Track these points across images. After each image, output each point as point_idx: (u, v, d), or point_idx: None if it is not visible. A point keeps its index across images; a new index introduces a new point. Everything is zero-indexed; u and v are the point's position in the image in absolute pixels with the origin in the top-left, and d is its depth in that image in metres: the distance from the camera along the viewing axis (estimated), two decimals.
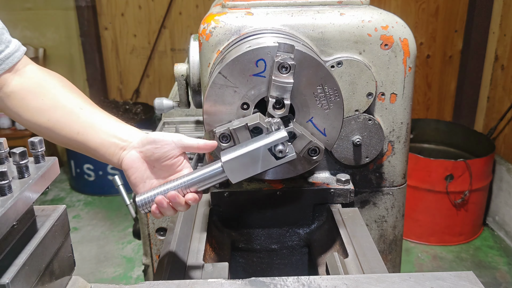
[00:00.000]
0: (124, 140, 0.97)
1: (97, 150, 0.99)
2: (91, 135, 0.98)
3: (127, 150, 0.97)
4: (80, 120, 0.99)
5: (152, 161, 0.95)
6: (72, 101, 1.01)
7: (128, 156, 0.96)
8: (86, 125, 0.99)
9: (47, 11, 4.41)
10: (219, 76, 1.00)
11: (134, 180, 0.96)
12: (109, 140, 0.97)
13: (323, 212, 1.26)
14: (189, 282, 0.87)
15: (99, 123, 0.99)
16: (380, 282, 0.83)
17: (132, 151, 0.96)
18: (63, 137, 1.00)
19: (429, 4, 4.09)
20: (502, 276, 3.15)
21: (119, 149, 0.97)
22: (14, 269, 0.67)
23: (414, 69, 1.22)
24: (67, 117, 0.99)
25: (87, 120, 0.99)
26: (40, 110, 0.99)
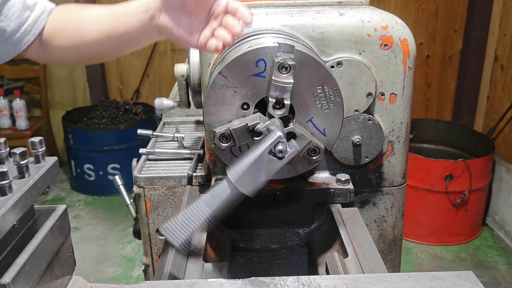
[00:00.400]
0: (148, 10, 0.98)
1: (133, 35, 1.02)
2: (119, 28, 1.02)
3: (157, 15, 0.96)
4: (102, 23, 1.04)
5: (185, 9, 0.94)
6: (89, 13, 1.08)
7: (161, 20, 0.95)
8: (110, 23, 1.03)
9: None
10: (219, 76, 1.00)
11: (181, 36, 0.95)
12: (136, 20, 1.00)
13: (323, 212, 1.27)
14: (189, 282, 0.87)
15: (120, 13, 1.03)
16: (380, 282, 0.83)
17: (163, 14, 0.95)
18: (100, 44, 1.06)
19: (429, 4, 4.09)
20: (502, 276, 3.15)
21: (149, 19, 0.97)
22: (14, 269, 0.67)
23: (413, 69, 1.22)
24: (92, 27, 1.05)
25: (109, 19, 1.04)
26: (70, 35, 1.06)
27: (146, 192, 1.43)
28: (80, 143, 4.16)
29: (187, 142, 1.67)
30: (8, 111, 4.31)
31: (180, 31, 0.94)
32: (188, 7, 0.93)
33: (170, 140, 1.69)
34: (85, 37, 1.06)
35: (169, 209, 1.44)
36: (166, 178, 1.40)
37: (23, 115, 4.29)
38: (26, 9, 1.02)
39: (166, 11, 0.94)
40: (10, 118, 4.34)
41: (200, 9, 0.93)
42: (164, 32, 0.96)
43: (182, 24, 0.94)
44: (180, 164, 1.49)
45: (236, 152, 1.10)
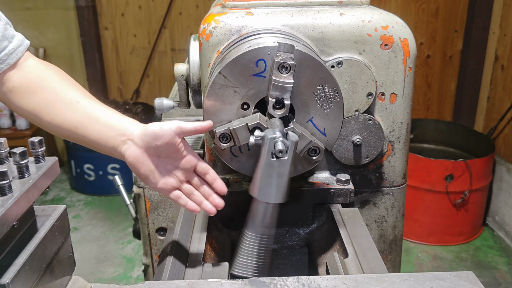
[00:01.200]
0: (122, 134, 0.98)
1: (97, 143, 1.00)
2: (89, 129, 0.99)
3: (127, 144, 0.97)
4: (77, 114, 1.00)
5: (156, 152, 0.96)
6: (69, 94, 1.02)
7: (131, 152, 0.97)
8: (83, 119, 1.00)
9: (47, 11, 4.41)
10: (219, 76, 1.00)
11: (144, 173, 0.97)
12: (107, 134, 0.99)
13: (323, 212, 1.26)
14: (189, 282, 0.87)
15: (96, 116, 1.00)
16: (380, 282, 0.83)
17: (133, 147, 0.97)
18: (64, 130, 1.01)
19: (429, 4, 4.09)
20: (502, 276, 3.15)
21: (119, 143, 0.98)
22: (14, 269, 0.67)
23: (414, 69, 1.22)
24: (66, 111, 1.00)
25: (84, 113, 1.00)
26: (40, 104, 1.01)
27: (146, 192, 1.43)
28: None
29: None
30: (8, 111, 4.31)
31: (143, 168, 0.97)
32: (160, 151, 0.96)
33: None
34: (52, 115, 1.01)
35: (169, 209, 1.44)
36: None
37: None
38: (4, 39, 1.00)
39: (138, 147, 0.96)
40: (10, 118, 4.35)
41: (170, 156, 0.97)
42: (128, 161, 0.98)
43: (147, 163, 0.97)
44: None
45: (236, 152, 1.09)
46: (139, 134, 0.96)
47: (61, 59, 4.52)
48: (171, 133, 0.95)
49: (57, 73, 1.06)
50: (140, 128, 0.97)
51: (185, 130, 0.96)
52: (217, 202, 0.99)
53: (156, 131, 0.95)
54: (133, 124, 1.00)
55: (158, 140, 0.94)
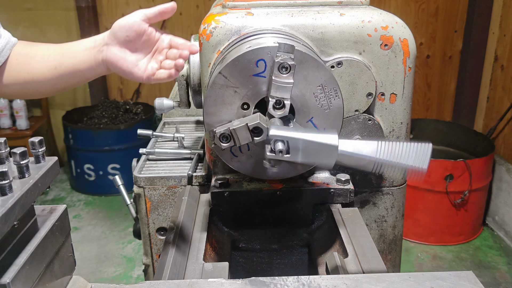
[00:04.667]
0: (95, 46, 1.03)
1: (79, 70, 1.05)
2: (66, 62, 1.05)
3: (104, 51, 1.01)
4: (51, 57, 1.06)
5: (132, 45, 1.00)
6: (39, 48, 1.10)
7: (108, 53, 1.01)
8: (58, 57, 1.06)
9: (48, 11, 4.41)
10: (220, 76, 1.00)
11: (127, 68, 1.01)
12: (83, 55, 1.04)
13: (323, 212, 1.26)
14: (189, 282, 0.87)
15: (68, 48, 1.07)
16: (380, 282, 0.83)
17: (109, 48, 1.01)
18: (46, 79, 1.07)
19: (429, 5, 4.09)
20: (502, 276, 3.15)
21: (96, 53, 1.02)
22: (14, 269, 0.67)
23: (414, 69, 1.22)
24: (41, 61, 1.07)
25: (56, 53, 1.07)
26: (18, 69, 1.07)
27: (146, 192, 1.43)
28: (80, 143, 4.16)
29: (187, 142, 1.67)
30: (8, 111, 4.31)
31: (127, 63, 1.00)
32: (134, 42, 0.99)
33: (170, 140, 1.69)
34: (32, 71, 1.07)
35: (169, 209, 1.44)
36: (166, 178, 1.40)
37: (23, 115, 4.30)
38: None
39: (113, 46, 1.00)
40: (10, 118, 4.35)
41: (145, 44, 1.00)
42: (110, 65, 1.02)
43: (128, 58, 1.00)
44: (180, 164, 1.49)
45: (236, 152, 1.10)
46: (109, 35, 1.01)
47: None
48: (137, 20, 0.98)
49: (24, 42, 1.12)
50: (108, 31, 1.02)
51: (149, 15, 1.00)
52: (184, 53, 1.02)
53: (122, 24, 0.99)
54: (102, 34, 1.05)
55: (128, 31, 0.98)
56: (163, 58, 1.02)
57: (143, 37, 0.99)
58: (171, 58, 1.02)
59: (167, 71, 1.01)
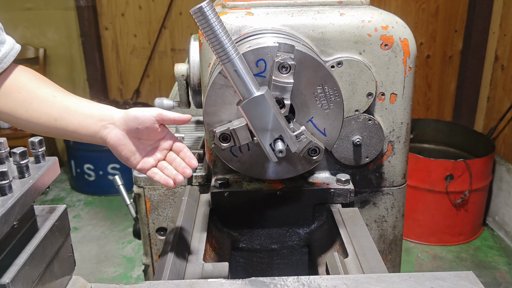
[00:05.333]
0: (102, 119, 1.01)
1: (77, 132, 1.03)
2: (68, 119, 1.02)
3: (109, 128, 1.00)
4: (55, 107, 1.03)
5: (136, 135, 1.00)
6: (45, 90, 1.05)
7: (113, 135, 1.00)
8: (62, 111, 1.03)
9: (48, 11, 4.40)
10: (219, 76, 1.00)
11: (125, 155, 1.01)
12: (87, 121, 1.01)
13: (323, 212, 1.26)
14: (189, 282, 0.87)
15: (74, 106, 1.03)
16: (380, 282, 0.83)
17: (115, 130, 1.00)
18: (42, 125, 1.03)
19: (429, 4, 4.09)
20: (502, 276, 3.15)
21: (100, 128, 1.01)
22: (14, 269, 0.67)
23: (414, 69, 1.22)
24: (43, 106, 1.03)
25: (62, 106, 1.03)
26: (17, 103, 1.03)
27: (146, 192, 1.43)
28: (80, 143, 4.15)
29: (187, 142, 1.67)
30: None
31: (125, 151, 1.01)
32: (140, 134, 1.00)
33: None
34: (30, 112, 1.02)
35: (169, 209, 1.44)
36: None
37: None
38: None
39: (119, 130, 1.00)
40: None
41: (148, 137, 1.01)
42: (110, 145, 1.01)
43: (128, 146, 1.01)
44: None
45: (236, 152, 1.10)
46: (121, 118, 1.00)
47: (61, 59, 4.52)
48: (152, 119, 0.99)
49: (32, 73, 1.08)
50: (121, 113, 1.01)
51: (165, 118, 1.00)
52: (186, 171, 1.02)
53: (138, 116, 0.99)
54: (113, 109, 1.03)
55: (140, 124, 0.99)
56: (162, 158, 1.03)
57: (150, 134, 1.00)
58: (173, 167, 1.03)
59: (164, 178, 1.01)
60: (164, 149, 1.03)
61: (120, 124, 1.00)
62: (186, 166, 1.01)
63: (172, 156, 1.03)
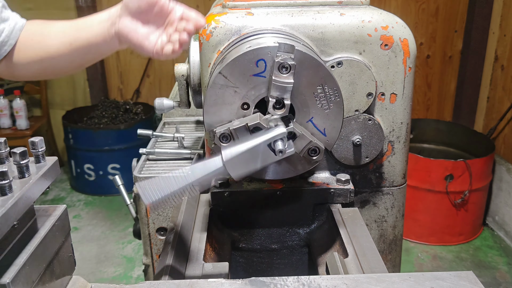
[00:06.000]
0: (108, 19, 1.02)
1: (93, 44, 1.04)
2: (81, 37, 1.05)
3: (116, 22, 1.00)
4: (65, 34, 1.07)
5: (142, 16, 0.98)
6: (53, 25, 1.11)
7: (120, 25, 0.99)
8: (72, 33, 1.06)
9: (48, 11, 4.40)
10: (220, 76, 1.00)
11: (137, 40, 0.99)
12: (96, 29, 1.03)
13: (323, 212, 1.26)
14: (189, 282, 0.87)
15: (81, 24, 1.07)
16: (380, 282, 0.83)
17: (121, 20, 0.99)
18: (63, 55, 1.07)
19: (429, 4, 4.09)
20: (502, 276, 3.15)
21: (109, 26, 1.01)
22: (14, 269, 0.67)
23: (414, 69, 1.22)
24: (56, 38, 1.07)
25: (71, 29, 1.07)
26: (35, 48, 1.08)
27: None
28: (80, 143, 4.16)
29: (187, 142, 1.67)
30: (8, 110, 4.31)
31: (137, 36, 0.98)
32: (146, 13, 0.97)
33: (170, 140, 1.69)
34: (48, 48, 1.07)
35: (169, 209, 1.44)
36: None
37: (23, 115, 4.29)
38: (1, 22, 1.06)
39: (125, 18, 0.99)
40: (10, 118, 4.35)
41: (157, 16, 0.98)
42: (122, 37, 1.00)
43: (140, 30, 0.98)
44: (180, 164, 1.50)
45: None
46: (121, 7, 0.99)
47: None
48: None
49: (37, 21, 1.14)
50: (120, 4, 1.01)
51: None
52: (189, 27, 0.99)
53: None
54: (116, 6, 1.03)
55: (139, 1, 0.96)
56: (173, 31, 0.99)
57: (155, 8, 0.96)
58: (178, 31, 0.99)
59: (171, 46, 0.98)
60: (174, 22, 1.00)
61: (123, 12, 0.98)
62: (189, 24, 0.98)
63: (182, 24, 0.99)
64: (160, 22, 0.98)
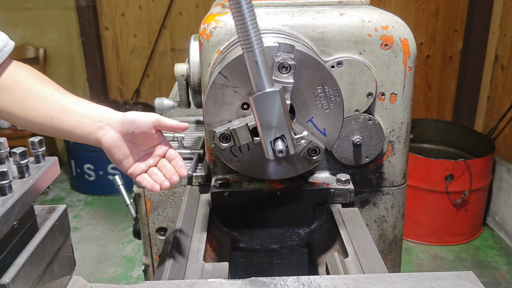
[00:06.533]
0: (99, 120, 1.00)
1: (72, 132, 1.02)
2: (65, 119, 1.01)
3: (105, 130, 0.99)
4: (52, 106, 1.02)
5: (132, 139, 0.99)
6: (43, 89, 1.04)
7: (108, 136, 0.99)
8: (58, 110, 1.02)
9: (48, 11, 4.40)
10: (220, 76, 1.00)
11: (118, 158, 1.00)
12: (83, 121, 1.01)
13: (323, 212, 1.26)
14: (189, 282, 0.87)
15: (71, 106, 1.03)
16: (380, 282, 0.83)
17: (111, 131, 0.99)
18: (39, 124, 1.03)
19: (429, 4, 4.09)
20: (502, 276, 3.15)
21: (96, 128, 1.00)
22: (14, 269, 0.67)
23: (414, 69, 1.22)
24: (40, 104, 1.02)
25: (59, 105, 1.02)
26: (14, 101, 1.02)
27: (146, 192, 1.43)
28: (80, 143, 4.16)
29: (187, 142, 1.67)
30: None
31: (118, 154, 1.00)
32: (135, 138, 0.99)
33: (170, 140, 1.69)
34: (27, 110, 1.01)
35: (169, 209, 1.44)
36: None
37: None
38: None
39: (115, 132, 0.99)
40: None
41: (145, 143, 1.00)
42: (104, 147, 1.00)
43: (122, 148, 1.00)
44: None
45: (236, 152, 1.10)
46: (118, 121, 0.99)
47: (61, 59, 4.52)
48: (149, 124, 0.98)
49: (30, 71, 1.07)
50: (118, 115, 1.00)
51: (162, 125, 1.00)
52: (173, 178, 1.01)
53: (135, 120, 0.98)
54: (110, 111, 1.02)
55: (136, 129, 0.98)
56: (153, 164, 1.02)
57: (146, 139, 1.00)
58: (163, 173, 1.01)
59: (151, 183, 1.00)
60: (157, 156, 1.03)
61: (117, 126, 0.99)
62: (174, 173, 1.00)
63: (164, 163, 1.02)
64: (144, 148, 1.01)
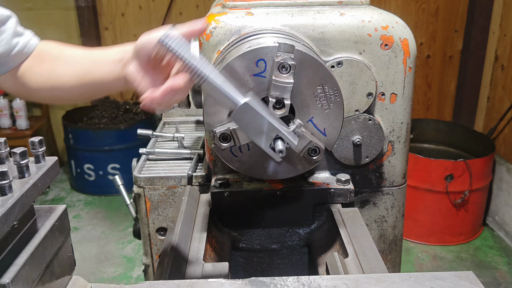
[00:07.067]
0: (121, 60, 1.00)
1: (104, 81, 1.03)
2: (93, 72, 1.03)
3: (126, 66, 0.98)
4: (79, 64, 1.05)
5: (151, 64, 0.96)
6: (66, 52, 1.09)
7: (129, 70, 0.97)
8: (86, 66, 1.05)
9: (48, 11, 4.41)
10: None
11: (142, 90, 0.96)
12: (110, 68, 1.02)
13: (323, 212, 1.26)
14: (189, 282, 0.87)
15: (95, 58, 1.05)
16: (380, 282, 0.83)
17: (130, 66, 0.97)
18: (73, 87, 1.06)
19: (429, 4, 4.09)
20: (502, 276, 3.15)
21: (121, 67, 0.99)
22: (14, 269, 0.67)
23: (414, 69, 1.22)
24: (69, 68, 1.06)
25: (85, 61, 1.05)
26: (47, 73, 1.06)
27: (146, 192, 1.43)
28: (80, 143, 4.16)
29: (187, 142, 1.67)
30: (8, 110, 4.31)
31: (143, 83, 0.96)
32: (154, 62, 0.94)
33: (170, 140, 1.69)
34: (60, 77, 1.05)
35: (169, 209, 1.44)
36: (166, 178, 1.40)
37: (23, 114, 4.30)
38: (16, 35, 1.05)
39: (134, 63, 0.96)
40: (10, 118, 4.35)
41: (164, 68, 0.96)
42: (129, 81, 0.97)
43: (146, 78, 0.96)
44: (180, 164, 1.49)
45: (236, 152, 1.10)
46: (133, 52, 0.97)
47: None
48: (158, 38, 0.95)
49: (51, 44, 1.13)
50: (131, 47, 0.98)
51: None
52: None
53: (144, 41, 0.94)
54: (127, 46, 1.01)
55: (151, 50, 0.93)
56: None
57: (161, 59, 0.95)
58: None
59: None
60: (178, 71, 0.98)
61: (133, 56, 0.96)
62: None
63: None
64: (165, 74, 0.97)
